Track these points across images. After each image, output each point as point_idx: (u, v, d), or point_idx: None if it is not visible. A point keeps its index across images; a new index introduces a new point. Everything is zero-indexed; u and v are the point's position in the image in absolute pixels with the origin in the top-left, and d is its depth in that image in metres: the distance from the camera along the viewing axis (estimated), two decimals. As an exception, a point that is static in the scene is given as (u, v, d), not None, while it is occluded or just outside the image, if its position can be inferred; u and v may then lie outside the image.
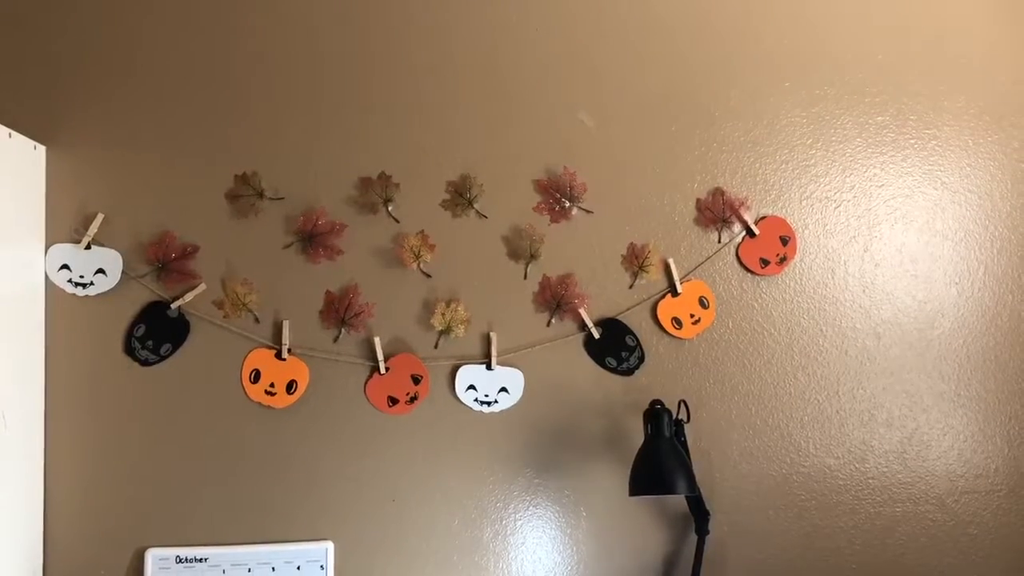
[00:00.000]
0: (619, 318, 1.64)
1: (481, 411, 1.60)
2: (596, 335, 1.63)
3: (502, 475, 1.61)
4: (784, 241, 1.69)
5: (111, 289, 1.53)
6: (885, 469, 1.70)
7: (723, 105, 1.70)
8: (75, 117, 1.55)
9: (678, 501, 1.62)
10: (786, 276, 1.70)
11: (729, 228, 1.68)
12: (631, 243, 1.66)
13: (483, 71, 1.65)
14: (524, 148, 1.64)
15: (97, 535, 1.51)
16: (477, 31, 1.66)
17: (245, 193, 1.57)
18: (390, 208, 1.60)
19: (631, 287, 1.66)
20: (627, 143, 1.67)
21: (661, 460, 1.47)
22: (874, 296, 1.71)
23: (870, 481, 1.69)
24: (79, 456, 1.52)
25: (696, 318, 1.66)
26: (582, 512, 1.63)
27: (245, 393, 1.55)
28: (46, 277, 1.51)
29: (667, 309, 1.65)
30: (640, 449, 1.50)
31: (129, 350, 1.53)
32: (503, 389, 1.60)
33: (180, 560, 1.51)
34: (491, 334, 1.61)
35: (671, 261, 1.66)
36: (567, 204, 1.64)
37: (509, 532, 1.61)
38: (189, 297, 1.54)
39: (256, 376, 1.55)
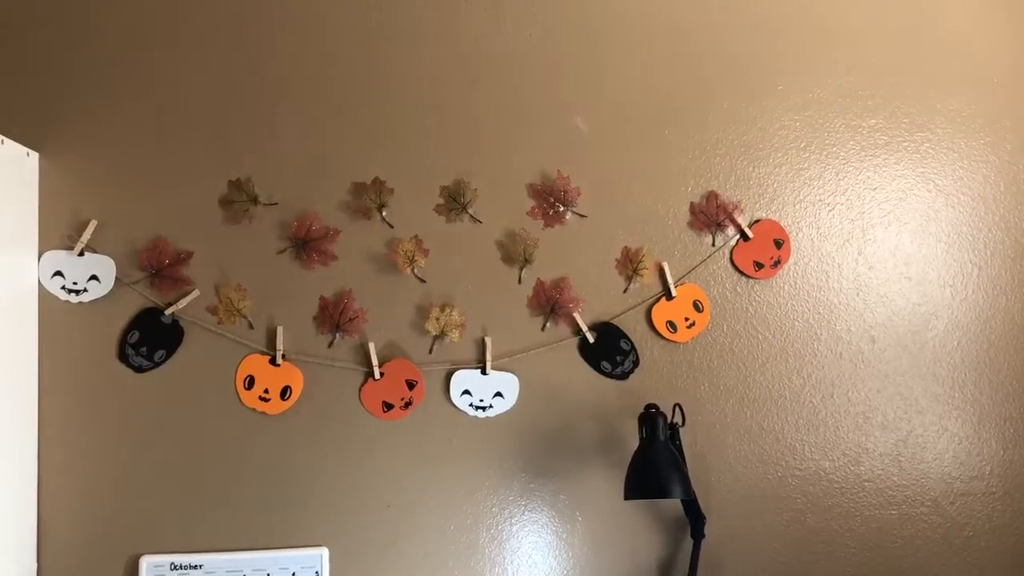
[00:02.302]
0: (614, 322, 1.64)
1: (476, 416, 1.60)
2: (591, 339, 1.63)
3: (497, 480, 1.61)
4: (778, 244, 1.69)
5: (104, 295, 1.53)
6: (880, 472, 1.70)
7: (716, 109, 1.70)
8: (68, 124, 1.55)
9: (673, 505, 1.62)
10: (780, 279, 1.70)
11: (723, 231, 1.68)
12: (625, 247, 1.66)
13: (477, 76, 1.65)
14: (518, 153, 1.64)
15: (91, 542, 1.51)
16: (471, 36, 1.66)
17: (238, 199, 1.57)
18: (384, 213, 1.60)
19: (625, 291, 1.66)
20: (621, 147, 1.67)
21: (656, 464, 1.47)
22: (868, 299, 1.71)
23: (865, 484, 1.69)
24: (73, 463, 1.51)
25: (691, 322, 1.66)
26: (577, 516, 1.62)
27: (239, 399, 1.55)
28: (39, 284, 1.51)
29: (661, 313, 1.65)
30: (635, 453, 1.50)
31: (123, 356, 1.53)
32: (498, 394, 1.60)
33: (175, 567, 1.51)
34: (486, 339, 1.61)
35: (665, 265, 1.66)
36: (561, 208, 1.64)
37: (504, 537, 1.61)
38: (183, 303, 1.54)
39: (250, 382, 1.55)
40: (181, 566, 1.51)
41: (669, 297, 1.66)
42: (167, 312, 1.53)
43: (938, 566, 1.69)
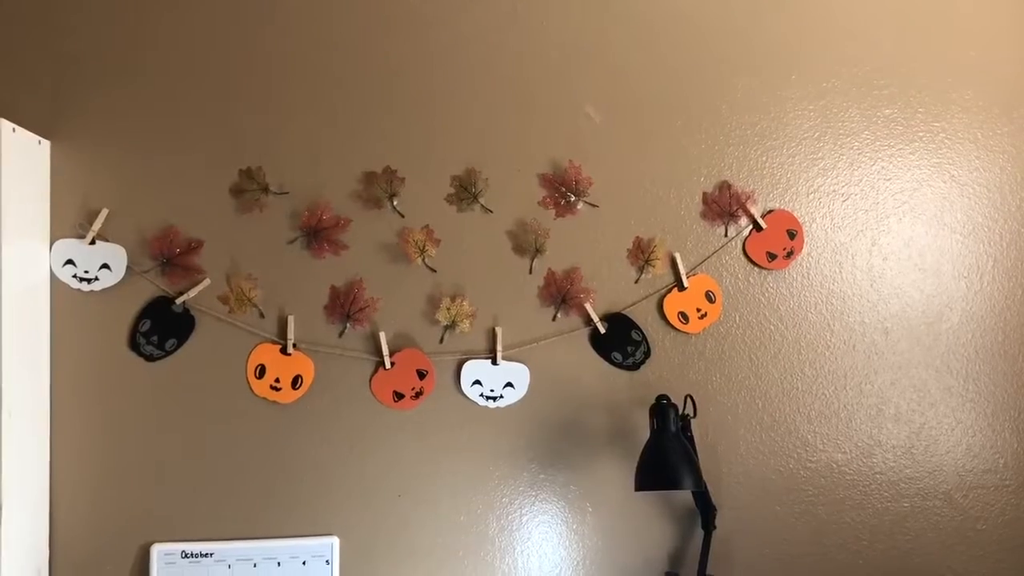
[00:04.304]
0: (625, 313, 1.64)
1: (487, 406, 1.60)
2: (602, 330, 1.62)
3: (507, 470, 1.61)
4: (791, 235, 1.68)
5: (116, 284, 1.53)
6: (893, 464, 1.69)
7: (730, 98, 1.69)
8: (79, 112, 1.55)
9: (684, 496, 1.62)
10: (793, 270, 1.69)
11: (736, 222, 1.67)
12: (637, 237, 1.65)
13: (488, 65, 1.64)
14: (529, 142, 1.64)
15: (103, 530, 1.52)
16: (483, 24, 1.65)
17: (249, 188, 1.57)
18: (395, 203, 1.60)
19: (637, 281, 1.65)
20: (633, 137, 1.66)
21: (667, 455, 1.46)
22: (882, 290, 1.70)
23: (877, 476, 1.68)
24: (84, 451, 1.52)
25: (702, 312, 1.65)
26: (588, 507, 1.62)
27: (250, 388, 1.55)
28: (51, 272, 1.51)
29: (673, 303, 1.64)
30: (646, 444, 1.49)
31: (134, 345, 1.53)
32: (508, 384, 1.60)
33: (186, 555, 1.52)
34: (496, 329, 1.60)
35: (677, 255, 1.65)
36: (572, 198, 1.63)
37: (515, 527, 1.61)
38: (194, 292, 1.54)
39: (261, 371, 1.55)
40: (192, 554, 1.52)
41: (681, 288, 1.65)
42: (178, 301, 1.54)
43: (951, 559, 1.69)
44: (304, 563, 1.53)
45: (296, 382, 1.55)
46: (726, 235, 1.67)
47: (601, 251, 1.64)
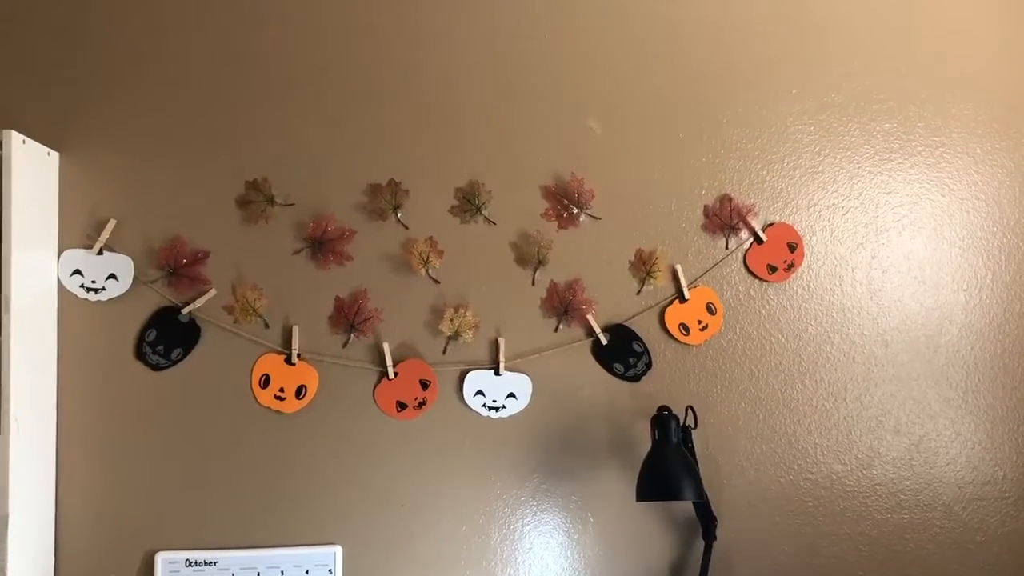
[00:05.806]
0: (627, 324, 1.65)
1: (489, 416, 1.61)
2: (604, 341, 1.63)
3: (509, 480, 1.62)
4: (792, 248, 1.69)
5: (123, 294, 1.54)
6: (892, 476, 1.70)
7: (731, 112, 1.70)
8: (88, 124, 1.57)
9: (685, 507, 1.62)
10: (793, 283, 1.70)
11: (737, 234, 1.69)
12: (639, 249, 1.66)
13: (492, 77, 1.66)
14: (532, 154, 1.65)
15: (107, 538, 1.53)
16: (486, 38, 1.66)
17: (255, 199, 1.58)
18: (399, 214, 1.61)
19: (639, 293, 1.66)
20: (635, 149, 1.68)
21: (668, 466, 1.47)
22: (881, 303, 1.71)
23: (877, 488, 1.69)
24: (90, 460, 1.53)
25: (704, 324, 1.66)
26: (589, 518, 1.63)
27: (255, 398, 1.56)
28: (58, 282, 1.52)
29: (675, 315, 1.65)
30: (647, 455, 1.50)
31: (140, 355, 1.54)
32: (511, 395, 1.61)
33: (189, 564, 1.52)
34: (499, 340, 1.61)
35: (679, 267, 1.66)
36: (575, 210, 1.64)
37: (516, 537, 1.62)
38: (200, 302, 1.55)
39: (266, 381, 1.56)
40: (196, 563, 1.53)
41: (682, 299, 1.66)
42: (184, 311, 1.55)
43: (950, 571, 1.69)
44: (307, 572, 1.54)
45: (300, 392, 1.57)
46: (727, 247, 1.68)
47: (603, 263, 1.65)
